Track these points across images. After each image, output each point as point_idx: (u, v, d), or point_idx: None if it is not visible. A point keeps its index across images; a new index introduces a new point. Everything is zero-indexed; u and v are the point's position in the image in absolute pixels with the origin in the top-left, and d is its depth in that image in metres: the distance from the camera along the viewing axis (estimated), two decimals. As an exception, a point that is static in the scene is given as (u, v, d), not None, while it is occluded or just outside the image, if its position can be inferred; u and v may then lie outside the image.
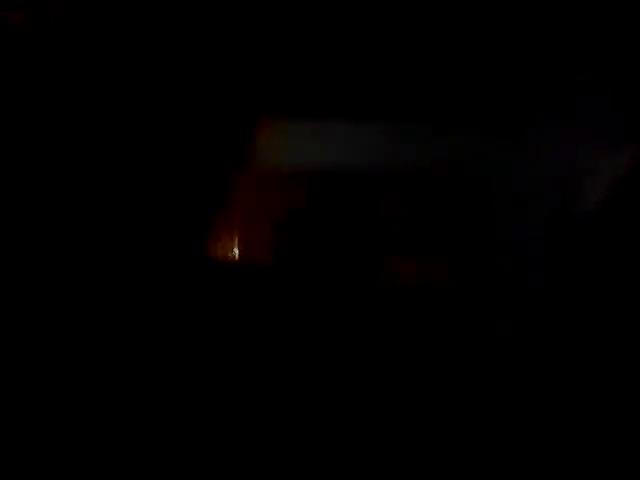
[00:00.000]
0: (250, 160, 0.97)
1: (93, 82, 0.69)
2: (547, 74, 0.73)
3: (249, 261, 0.98)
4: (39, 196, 0.74)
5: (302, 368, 0.96)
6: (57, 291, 0.92)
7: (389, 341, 0.98)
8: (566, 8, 0.76)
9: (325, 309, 0.97)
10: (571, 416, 0.86)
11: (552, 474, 0.91)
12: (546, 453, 0.91)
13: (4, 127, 0.72)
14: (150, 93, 0.63)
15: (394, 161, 1.02)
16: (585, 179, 0.59)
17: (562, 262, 0.63)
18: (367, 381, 0.99)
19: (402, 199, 0.97)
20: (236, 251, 1.06)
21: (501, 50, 0.73)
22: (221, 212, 0.95)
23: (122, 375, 0.94)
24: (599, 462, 0.86)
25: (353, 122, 1.00)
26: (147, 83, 0.71)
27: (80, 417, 0.92)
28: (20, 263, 0.88)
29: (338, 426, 0.97)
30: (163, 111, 0.71)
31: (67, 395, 0.92)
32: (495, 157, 0.87)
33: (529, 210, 0.82)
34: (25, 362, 0.92)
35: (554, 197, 0.72)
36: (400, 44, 0.84)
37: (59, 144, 0.74)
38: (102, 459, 0.97)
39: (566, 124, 0.82)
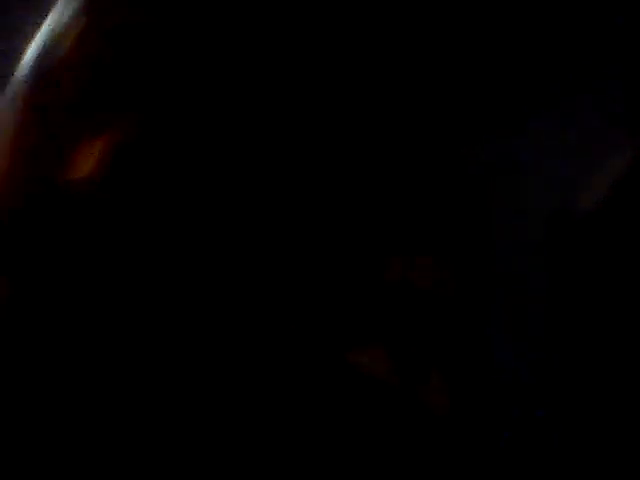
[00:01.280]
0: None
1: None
2: (547, 73, 0.73)
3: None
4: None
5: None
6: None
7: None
8: (566, 8, 0.75)
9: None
10: (573, 417, 0.85)
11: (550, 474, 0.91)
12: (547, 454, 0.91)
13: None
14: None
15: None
16: (585, 181, 0.59)
17: (562, 263, 0.63)
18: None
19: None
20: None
21: (501, 49, 0.73)
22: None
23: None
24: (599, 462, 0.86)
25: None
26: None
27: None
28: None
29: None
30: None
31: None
32: (495, 157, 0.86)
33: (529, 211, 0.81)
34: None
35: (554, 197, 0.72)
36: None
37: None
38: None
39: (566, 124, 0.81)
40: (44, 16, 0.47)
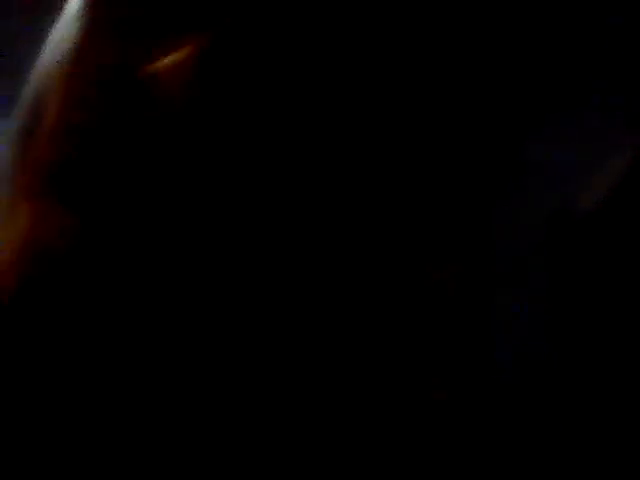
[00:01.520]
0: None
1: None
2: (546, 72, 0.73)
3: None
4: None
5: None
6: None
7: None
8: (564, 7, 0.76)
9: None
10: (574, 417, 0.85)
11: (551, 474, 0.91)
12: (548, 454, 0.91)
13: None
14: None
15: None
16: (584, 181, 0.59)
17: (562, 263, 0.63)
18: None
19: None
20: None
21: (500, 49, 0.73)
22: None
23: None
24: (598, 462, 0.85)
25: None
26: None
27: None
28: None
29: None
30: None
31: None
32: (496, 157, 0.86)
33: (529, 211, 0.81)
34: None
35: (554, 197, 0.72)
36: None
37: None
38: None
39: (566, 123, 0.82)
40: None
